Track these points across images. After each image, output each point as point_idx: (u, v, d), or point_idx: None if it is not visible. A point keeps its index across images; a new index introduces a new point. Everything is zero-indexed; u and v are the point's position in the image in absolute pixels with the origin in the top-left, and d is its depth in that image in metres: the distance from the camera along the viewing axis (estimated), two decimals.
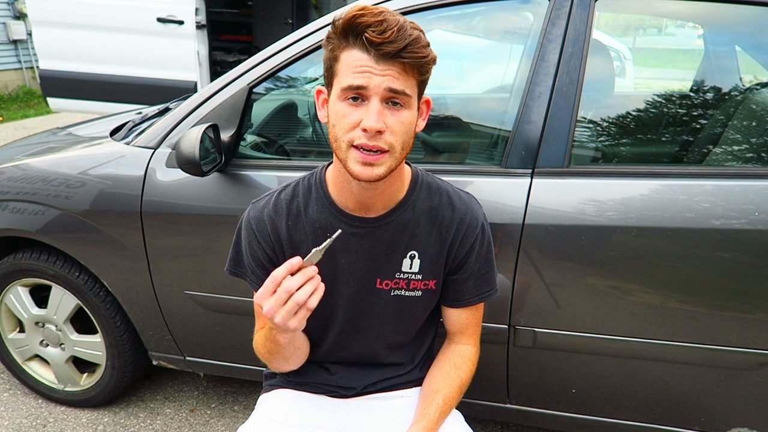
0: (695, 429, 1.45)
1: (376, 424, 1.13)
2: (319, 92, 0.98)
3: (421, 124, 0.98)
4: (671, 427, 1.46)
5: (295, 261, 0.86)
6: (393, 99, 0.88)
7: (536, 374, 1.49)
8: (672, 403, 1.43)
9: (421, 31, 0.89)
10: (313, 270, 0.87)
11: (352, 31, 0.86)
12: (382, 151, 0.89)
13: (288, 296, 0.85)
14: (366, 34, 0.84)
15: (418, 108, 0.95)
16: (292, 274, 0.86)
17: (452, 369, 1.12)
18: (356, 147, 0.88)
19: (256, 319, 1.15)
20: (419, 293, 1.09)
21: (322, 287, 0.88)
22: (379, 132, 0.87)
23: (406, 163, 1.07)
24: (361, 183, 0.94)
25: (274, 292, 0.85)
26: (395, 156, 0.91)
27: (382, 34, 0.83)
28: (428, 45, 0.89)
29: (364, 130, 0.87)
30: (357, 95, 0.88)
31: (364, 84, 0.86)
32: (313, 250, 0.88)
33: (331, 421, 1.14)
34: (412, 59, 0.86)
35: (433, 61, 0.90)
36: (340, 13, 0.88)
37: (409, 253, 1.06)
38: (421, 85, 0.93)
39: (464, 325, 1.15)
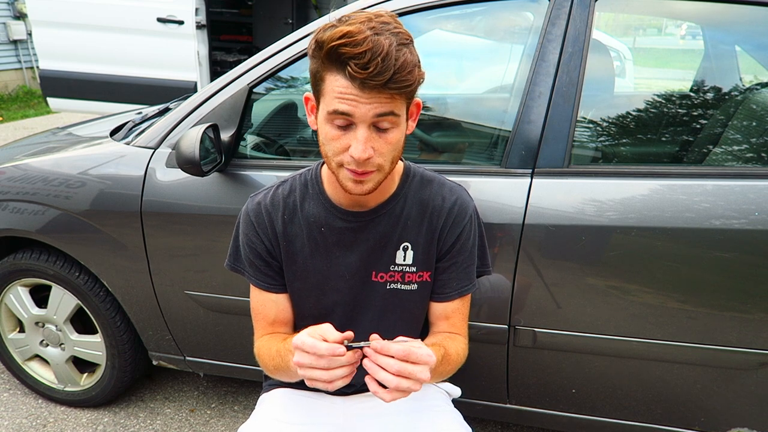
0: (695, 429, 1.45)
1: (377, 421, 1.13)
2: (307, 99, 0.98)
3: (412, 125, 0.98)
4: (671, 427, 1.46)
5: (341, 349, 0.81)
6: (381, 122, 0.87)
7: (536, 374, 1.49)
8: (672, 403, 1.43)
9: (409, 42, 0.86)
10: (355, 357, 0.82)
11: (335, 59, 0.83)
12: (371, 173, 0.91)
13: (319, 369, 0.82)
14: (349, 68, 0.81)
15: (408, 116, 0.94)
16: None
17: (447, 338, 1.09)
18: (346, 168, 0.90)
19: (254, 324, 1.15)
20: (415, 286, 1.09)
21: (351, 374, 0.84)
22: (368, 158, 0.88)
23: None
24: None
25: (303, 351, 0.82)
26: (384, 172, 0.93)
27: (366, 68, 0.80)
28: (416, 65, 0.85)
29: (353, 157, 0.87)
30: (344, 121, 0.87)
31: (350, 111, 0.85)
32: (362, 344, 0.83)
33: (331, 418, 1.14)
34: (399, 88, 0.84)
35: (422, 81, 0.89)
36: (322, 29, 0.85)
37: (402, 245, 1.07)
38: (410, 100, 0.92)
39: (450, 320, 1.13)
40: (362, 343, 0.83)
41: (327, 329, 0.84)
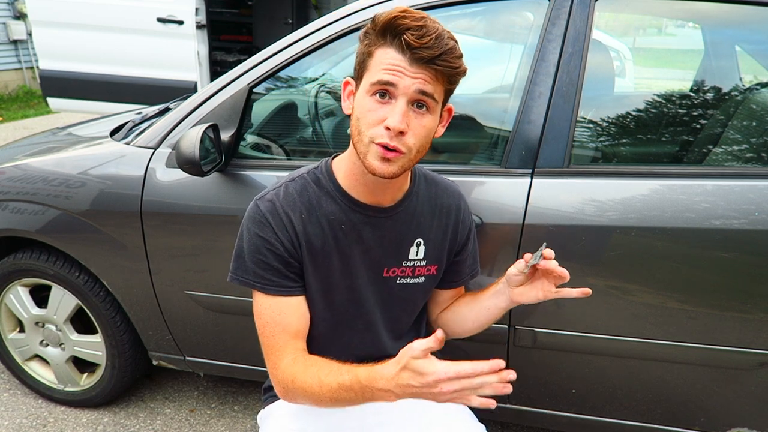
0: (695, 429, 1.45)
1: (390, 417, 1.14)
2: (346, 83, 1.00)
3: (441, 130, 1.01)
4: (671, 427, 1.46)
5: (494, 365, 0.81)
6: (419, 101, 0.90)
7: (536, 374, 1.49)
8: (672, 403, 1.43)
9: (457, 42, 0.91)
10: (499, 366, 0.81)
11: (391, 31, 0.88)
12: (400, 152, 0.91)
13: (466, 387, 0.81)
14: (405, 36, 0.86)
15: (441, 115, 0.98)
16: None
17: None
18: (377, 144, 0.91)
19: (272, 344, 1.02)
20: (422, 279, 1.13)
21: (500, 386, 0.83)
22: (401, 133, 0.89)
23: None
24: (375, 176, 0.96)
25: (456, 380, 0.81)
26: (410, 157, 0.93)
27: (421, 39, 0.86)
28: (462, 56, 0.91)
29: (387, 129, 0.89)
30: (385, 91, 0.90)
31: (393, 81, 0.88)
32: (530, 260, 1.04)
33: (347, 421, 1.14)
34: (445, 68, 0.88)
35: (464, 72, 0.93)
36: (381, 10, 0.92)
37: (416, 241, 1.10)
38: (447, 94, 0.96)
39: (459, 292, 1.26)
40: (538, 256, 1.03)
41: (429, 362, 0.81)
